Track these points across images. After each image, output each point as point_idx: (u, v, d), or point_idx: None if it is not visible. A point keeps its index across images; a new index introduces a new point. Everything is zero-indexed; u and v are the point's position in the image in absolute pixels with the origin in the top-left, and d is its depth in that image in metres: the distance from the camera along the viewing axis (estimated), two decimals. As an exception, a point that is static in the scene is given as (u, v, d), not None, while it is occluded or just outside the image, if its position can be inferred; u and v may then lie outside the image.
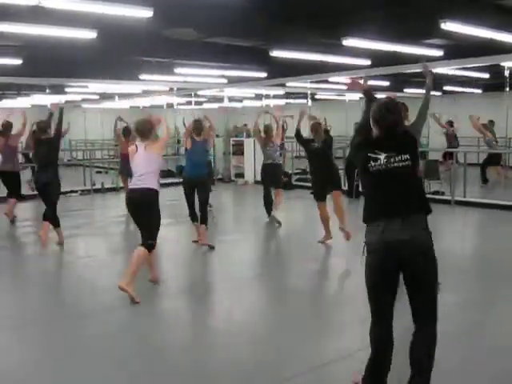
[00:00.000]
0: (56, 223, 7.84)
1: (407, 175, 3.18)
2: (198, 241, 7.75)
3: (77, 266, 7.09)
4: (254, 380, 3.75)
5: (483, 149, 16.12)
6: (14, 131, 10.00)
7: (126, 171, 9.72)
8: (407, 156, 3.16)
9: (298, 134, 7.86)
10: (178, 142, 22.86)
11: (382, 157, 3.16)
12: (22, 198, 10.38)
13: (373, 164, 3.18)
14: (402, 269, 3.15)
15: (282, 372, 3.84)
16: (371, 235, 3.23)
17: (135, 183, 5.59)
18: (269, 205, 9.41)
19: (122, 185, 11.99)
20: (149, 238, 5.51)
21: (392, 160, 3.15)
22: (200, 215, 7.58)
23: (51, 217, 7.75)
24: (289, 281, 6.30)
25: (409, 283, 3.19)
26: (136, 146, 5.62)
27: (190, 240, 7.93)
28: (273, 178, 9.51)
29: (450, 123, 15.41)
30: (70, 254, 7.73)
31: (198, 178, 7.53)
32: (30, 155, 12.47)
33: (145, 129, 5.64)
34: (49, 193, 7.72)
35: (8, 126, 9.95)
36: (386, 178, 3.17)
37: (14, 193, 9.89)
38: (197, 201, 7.64)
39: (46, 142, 7.74)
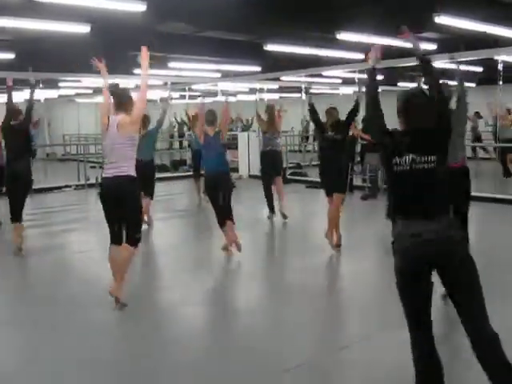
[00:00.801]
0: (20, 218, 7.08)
1: (431, 177, 2.93)
2: (227, 249, 6.90)
3: (72, 261, 7.08)
4: (254, 371, 3.76)
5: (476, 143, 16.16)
6: None
7: None
8: (434, 157, 2.91)
9: (312, 109, 7.14)
10: (171, 136, 22.82)
11: (408, 157, 2.91)
12: None
13: (398, 161, 2.93)
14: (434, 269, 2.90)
15: (282, 363, 3.85)
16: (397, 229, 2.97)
17: (109, 171, 4.95)
18: (270, 199, 9.07)
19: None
20: (136, 232, 5.00)
21: (417, 160, 2.90)
22: (224, 214, 6.76)
23: (19, 212, 7.00)
24: (290, 274, 6.30)
25: (445, 283, 2.93)
26: (108, 120, 4.95)
27: (186, 233, 7.90)
28: (272, 166, 9.10)
29: (478, 114, 15.22)
30: (64, 249, 7.72)
31: (218, 175, 6.68)
32: None
33: (124, 95, 5.06)
34: (21, 187, 6.98)
35: None
36: (409, 179, 2.94)
37: None
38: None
39: (18, 129, 7.01)
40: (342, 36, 9.38)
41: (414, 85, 16.09)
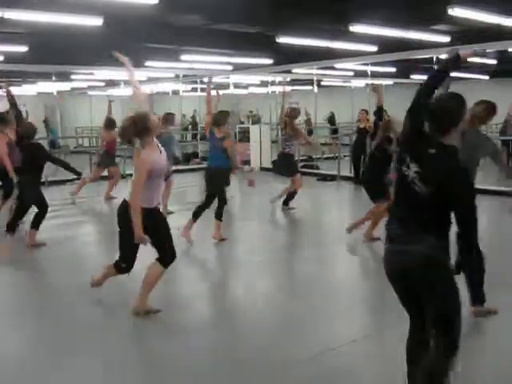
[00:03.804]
0: None
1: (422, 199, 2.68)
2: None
3: (84, 253, 7.13)
4: (265, 361, 3.78)
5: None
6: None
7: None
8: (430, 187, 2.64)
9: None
10: (186, 129, 22.83)
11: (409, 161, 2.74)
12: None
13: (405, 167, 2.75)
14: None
15: (294, 355, 3.86)
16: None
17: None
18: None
19: (128, 172, 11.88)
20: None
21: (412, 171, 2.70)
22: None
23: None
24: (300, 266, 6.31)
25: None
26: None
27: (197, 225, 7.88)
28: (280, 168, 9.36)
29: None
30: (73, 239, 7.76)
31: (212, 169, 7.00)
32: None
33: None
34: None
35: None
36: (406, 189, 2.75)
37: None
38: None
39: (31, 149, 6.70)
40: (355, 28, 9.35)
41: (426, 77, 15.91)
